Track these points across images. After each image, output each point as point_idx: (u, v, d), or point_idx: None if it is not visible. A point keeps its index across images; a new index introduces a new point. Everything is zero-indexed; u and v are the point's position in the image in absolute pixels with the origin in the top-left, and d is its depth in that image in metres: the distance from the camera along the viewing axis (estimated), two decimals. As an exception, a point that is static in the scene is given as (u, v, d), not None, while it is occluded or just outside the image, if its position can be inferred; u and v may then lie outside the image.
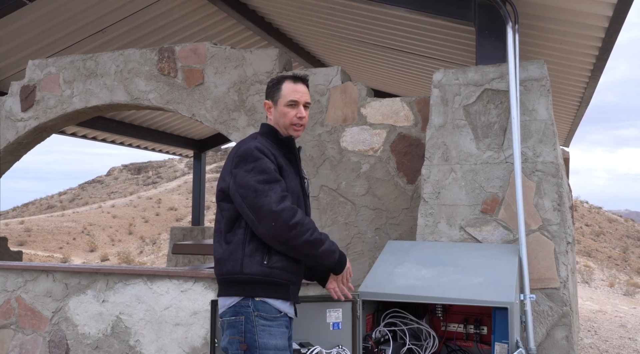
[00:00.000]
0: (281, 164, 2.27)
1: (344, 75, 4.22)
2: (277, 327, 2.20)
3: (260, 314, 2.17)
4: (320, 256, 2.22)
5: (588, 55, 4.46)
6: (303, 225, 2.15)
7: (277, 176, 2.20)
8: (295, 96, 2.34)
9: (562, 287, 3.11)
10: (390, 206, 3.96)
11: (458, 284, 2.88)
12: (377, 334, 3.01)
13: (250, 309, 2.18)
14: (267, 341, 2.15)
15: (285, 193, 2.18)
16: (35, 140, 5.15)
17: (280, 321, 2.22)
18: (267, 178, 2.17)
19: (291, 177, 2.32)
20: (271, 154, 2.25)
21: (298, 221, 2.13)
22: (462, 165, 3.47)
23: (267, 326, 2.17)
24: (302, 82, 2.40)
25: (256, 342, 2.14)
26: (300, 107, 2.36)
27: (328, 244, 2.23)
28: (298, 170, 2.39)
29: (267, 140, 2.34)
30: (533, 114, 3.37)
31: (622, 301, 13.15)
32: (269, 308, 2.19)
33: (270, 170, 2.19)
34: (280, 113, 2.35)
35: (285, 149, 2.36)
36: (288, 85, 2.36)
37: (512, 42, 3.37)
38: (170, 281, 4.38)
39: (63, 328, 4.61)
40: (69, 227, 41.57)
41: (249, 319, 2.16)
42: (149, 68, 4.63)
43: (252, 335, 2.15)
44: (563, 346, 3.05)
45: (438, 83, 3.62)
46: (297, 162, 2.40)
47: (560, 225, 3.19)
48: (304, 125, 2.41)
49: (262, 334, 2.15)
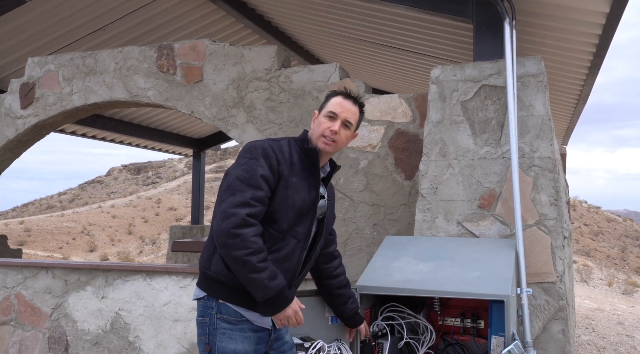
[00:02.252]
0: (282, 172, 2.13)
1: (342, 72, 4.24)
2: (239, 332, 2.12)
3: (222, 316, 2.12)
4: (247, 282, 2.03)
5: (585, 52, 4.48)
6: (245, 240, 1.99)
7: (259, 182, 2.07)
8: (337, 109, 2.23)
9: (558, 281, 3.13)
10: (388, 202, 3.98)
11: (455, 278, 2.89)
12: (375, 328, 3.03)
13: (214, 310, 2.13)
14: (226, 345, 2.10)
15: (254, 203, 2.04)
16: (35, 138, 5.17)
17: (244, 325, 2.14)
18: (246, 178, 2.07)
19: (299, 189, 2.18)
20: (275, 159, 2.13)
21: (241, 233, 1.98)
22: (459, 161, 3.49)
23: (228, 330, 2.11)
24: (353, 101, 2.28)
25: (215, 345, 2.11)
26: (337, 121, 2.22)
27: (259, 277, 2.00)
28: (316, 185, 2.25)
29: (297, 145, 2.26)
30: (530, 110, 3.39)
31: (620, 300, 13.18)
32: (232, 311, 2.12)
33: (256, 173, 2.08)
34: (318, 122, 2.25)
35: (308, 160, 2.24)
36: (336, 99, 2.27)
37: (510, 38, 3.39)
38: (169, 278, 4.40)
39: (63, 324, 4.63)
40: (68, 227, 41.59)
41: (212, 321, 2.13)
42: (148, 66, 4.65)
43: (213, 338, 2.12)
44: (559, 339, 3.07)
45: (436, 80, 3.64)
46: (317, 177, 2.25)
47: (557, 219, 3.21)
48: (337, 141, 2.23)
49: (222, 338, 2.11)
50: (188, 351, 4.29)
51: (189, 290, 4.34)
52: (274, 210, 2.12)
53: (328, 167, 2.36)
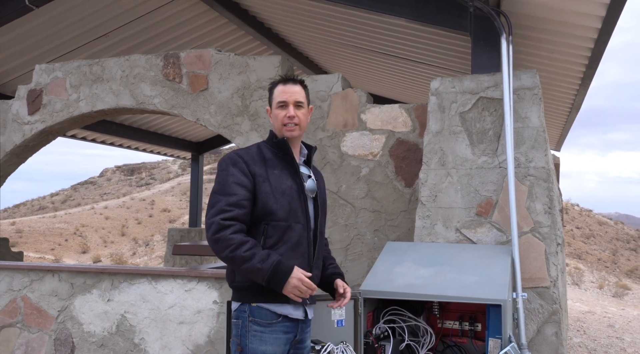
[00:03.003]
0: (255, 171, 2.30)
1: (344, 82, 4.38)
2: (270, 333, 2.26)
3: (254, 319, 2.26)
4: (246, 273, 2.21)
5: (578, 63, 4.64)
6: (225, 240, 2.17)
7: (231, 189, 2.25)
8: (283, 97, 2.37)
9: (552, 286, 3.27)
10: (388, 209, 4.12)
11: (455, 283, 3.03)
12: (377, 331, 3.15)
13: (247, 314, 2.28)
14: (256, 347, 2.24)
15: (228, 208, 2.21)
16: (41, 143, 5.27)
17: (276, 327, 2.28)
18: (220, 189, 2.26)
19: (283, 178, 2.35)
20: (243, 162, 2.30)
21: (220, 237, 2.17)
22: (458, 170, 3.63)
23: (259, 332, 2.25)
24: (292, 83, 2.41)
25: (247, 346, 2.25)
26: (290, 107, 2.37)
27: (251, 264, 2.16)
28: (296, 171, 2.41)
29: (267, 144, 2.44)
30: (526, 121, 3.54)
31: (611, 303, 13.37)
32: (264, 314, 2.27)
33: (227, 182, 2.26)
34: (274, 116, 2.40)
35: (281, 152, 2.40)
36: (278, 88, 2.40)
37: (506, 53, 3.54)
38: (174, 281, 4.50)
39: (69, 327, 4.72)
40: (60, 228, 41.45)
41: (244, 324, 2.27)
42: (155, 74, 4.76)
43: (245, 339, 2.26)
44: (553, 342, 3.22)
45: (435, 91, 3.78)
46: (294, 163, 2.40)
47: (550, 227, 3.35)
48: (299, 124, 2.39)
49: (253, 340, 2.25)
50: (193, 352, 4.40)
51: (193, 293, 4.45)
52: (266, 203, 2.28)
53: (305, 150, 2.53)
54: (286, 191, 2.34)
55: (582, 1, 3.40)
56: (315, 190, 2.49)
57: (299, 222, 2.35)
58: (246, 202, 2.26)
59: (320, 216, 2.48)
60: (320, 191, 2.55)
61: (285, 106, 2.37)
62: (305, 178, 2.45)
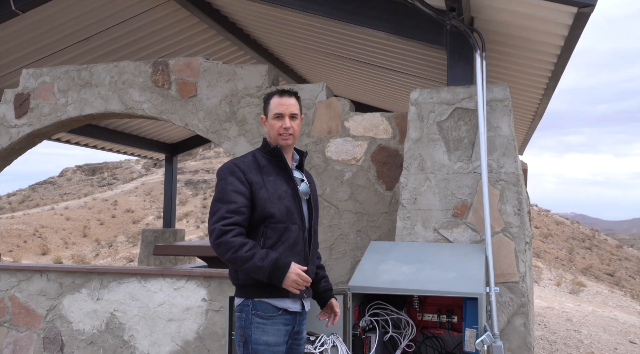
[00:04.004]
0: (251, 179, 2.51)
1: (328, 91, 4.63)
2: (271, 325, 2.50)
3: (257, 313, 2.50)
4: (249, 272, 2.43)
5: (543, 76, 5.02)
6: (227, 243, 2.38)
7: (230, 197, 2.46)
8: (280, 109, 2.60)
9: (521, 281, 3.61)
10: (370, 211, 4.40)
11: (435, 278, 3.32)
12: (363, 324, 3.42)
13: (250, 308, 2.51)
14: (258, 337, 2.48)
15: (228, 215, 2.42)
16: (28, 146, 5.34)
17: (277, 319, 2.50)
18: (220, 198, 2.48)
19: (279, 183, 2.57)
20: (240, 171, 2.52)
21: (222, 241, 2.39)
22: (436, 174, 3.93)
23: (262, 324, 2.49)
24: (288, 95, 2.64)
25: (250, 337, 2.48)
26: (286, 119, 2.60)
27: (252, 263, 2.37)
28: (290, 176, 2.63)
29: (261, 152, 2.68)
30: (497, 130, 3.87)
31: (568, 299, 14.01)
32: (266, 307, 2.50)
33: (226, 191, 2.48)
34: (269, 125, 2.65)
35: (275, 159, 2.64)
36: (275, 100, 2.64)
37: (480, 68, 3.86)
38: (163, 280, 4.67)
39: (58, 325, 4.83)
40: (19, 229, 40.32)
41: (248, 316, 2.51)
42: (143, 80, 4.92)
43: (248, 331, 2.49)
44: (521, 331, 3.55)
45: (415, 102, 4.08)
46: (287, 169, 2.63)
47: (519, 227, 3.69)
48: (293, 134, 2.63)
49: (256, 331, 2.48)
50: (182, 348, 4.58)
51: (182, 292, 4.63)
52: (265, 208, 2.52)
53: (297, 155, 2.79)
54: (282, 196, 2.57)
55: (547, 22, 3.75)
56: (308, 192, 2.73)
57: (295, 223, 2.59)
58: (245, 209, 2.49)
59: (313, 216, 2.74)
60: (313, 193, 2.80)
61: (281, 117, 2.62)
62: (298, 182, 2.70)
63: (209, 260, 6.39)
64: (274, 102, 2.65)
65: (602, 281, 25.88)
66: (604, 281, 26.19)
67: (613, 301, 17.33)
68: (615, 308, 14.32)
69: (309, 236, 2.69)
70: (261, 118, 2.74)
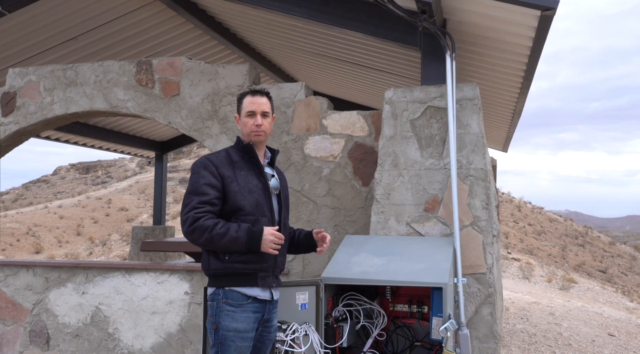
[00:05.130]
0: (223, 173, 2.65)
1: (307, 90, 4.77)
2: (241, 313, 2.63)
3: (227, 301, 2.63)
4: (227, 247, 2.54)
5: (516, 75, 5.17)
6: (200, 227, 2.50)
7: (203, 190, 2.59)
8: (252, 107, 2.76)
9: (488, 272, 3.76)
10: (347, 206, 4.54)
11: (404, 270, 3.46)
12: (336, 314, 3.56)
13: (220, 296, 2.64)
14: (228, 324, 2.61)
15: (199, 206, 2.55)
16: (15, 143, 5.45)
17: (247, 307, 2.63)
18: (192, 190, 2.61)
19: (249, 178, 2.71)
20: (213, 165, 2.65)
21: (195, 226, 2.50)
22: (408, 171, 4.08)
23: (231, 312, 2.62)
24: (259, 95, 2.80)
25: (220, 324, 2.62)
26: (257, 116, 2.75)
27: (228, 236, 2.50)
28: (261, 171, 2.77)
29: (235, 149, 2.83)
30: (467, 128, 4.02)
31: (557, 295, 14.17)
32: (236, 296, 2.63)
33: (199, 183, 2.61)
34: (242, 123, 2.80)
35: (247, 155, 2.79)
36: (247, 99, 2.80)
37: (450, 68, 4.00)
38: (147, 274, 4.80)
39: (44, 319, 4.95)
40: (12, 228, 40.26)
41: (218, 305, 2.64)
42: (128, 79, 5.04)
43: (219, 318, 2.62)
44: (488, 320, 3.70)
45: (389, 100, 4.22)
46: (259, 165, 2.77)
47: (487, 221, 3.84)
48: (265, 131, 2.78)
49: (226, 318, 2.61)
50: (165, 340, 4.71)
51: (166, 285, 4.76)
52: (235, 200, 2.66)
53: (269, 153, 2.94)
54: (253, 189, 2.72)
55: (514, 24, 3.89)
56: (278, 187, 2.89)
57: (264, 216, 2.73)
58: (216, 201, 2.63)
59: (283, 210, 2.88)
60: (283, 189, 2.94)
61: (253, 115, 2.77)
62: (269, 177, 2.85)
63: (196, 255, 6.51)
64: (246, 101, 2.81)
65: (594, 278, 26.05)
66: (596, 278, 26.37)
67: (603, 297, 17.50)
68: (605, 304, 14.50)
69: (279, 229, 2.83)
70: (235, 117, 2.88)
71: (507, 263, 21.06)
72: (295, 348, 3.14)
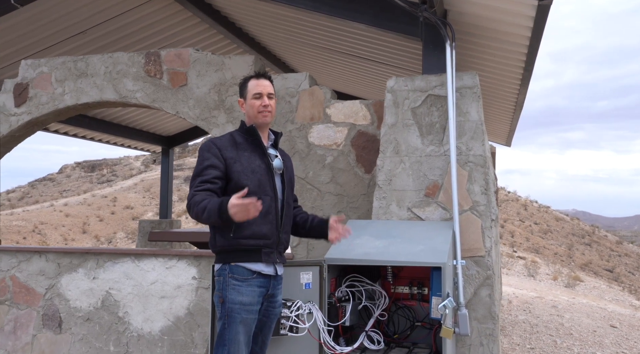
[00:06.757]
0: (226, 155, 2.76)
1: (311, 80, 4.89)
2: (246, 287, 2.75)
3: (233, 275, 2.76)
4: (209, 220, 2.58)
5: (517, 66, 5.26)
6: (193, 204, 2.61)
7: (205, 171, 2.71)
8: (258, 89, 2.88)
9: (487, 255, 3.87)
10: (350, 192, 4.66)
11: (404, 251, 3.57)
12: (339, 294, 3.68)
13: (227, 271, 2.77)
14: (234, 297, 2.74)
15: (201, 186, 2.67)
16: (27, 133, 5.60)
17: (252, 282, 2.77)
18: (197, 173, 2.74)
19: (252, 158, 2.82)
20: (217, 147, 2.76)
21: (190, 203, 2.62)
22: (409, 157, 4.19)
23: (237, 286, 2.75)
24: (264, 78, 2.96)
25: (227, 297, 2.75)
26: (264, 97, 2.87)
27: (208, 209, 2.54)
28: (264, 152, 2.88)
29: (239, 132, 2.95)
30: (466, 116, 4.13)
31: (563, 292, 14.17)
32: (241, 271, 2.76)
33: (202, 166, 2.73)
34: (249, 105, 2.92)
35: (250, 137, 2.91)
36: (252, 82, 2.93)
37: (450, 57, 4.10)
38: (156, 260, 4.94)
39: (56, 303, 5.10)
40: (18, 226, 40.56)
41: (225, 279, 2.77)
42: (137, 70, 5.17)
43: (225, 292, 2.76)
44: (487, 302, 3.81)
45: (391, 89, 4.33)
46: (262, 146, 2.87)
47: (486, 206, 3.95)
48: (271, 111, 2.89)
49: (232, 292, 2.74)
50: (173, 323, 4.84)
51: (174, 270, 4.89)
52: (239, 180, 2.78)
53: (272, 135, 3.06)
54: (256, 170, 2.84)
55: (512, 14, 4.00)
56: (281, 167, 3.00)
57: (267, 194, 2.86)
58: (217, 180, 2.75)
59: (287, 189, 2.99)
60: (287, 169, 3.06)
61: (260, 96, 2.90)
62: (272, 158, 2.97)
63: (203, 245, 6.65)
64: (251, 84, 2.93)
65: (600, 277, 25.95)
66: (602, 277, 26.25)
67: (609, 295, 17.46)
68: (611, 302, 14.50)
69: (282, 207, 2.95)
70: (238, 101, 3.01)
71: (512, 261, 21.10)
72: (300, 323, 3.27)
